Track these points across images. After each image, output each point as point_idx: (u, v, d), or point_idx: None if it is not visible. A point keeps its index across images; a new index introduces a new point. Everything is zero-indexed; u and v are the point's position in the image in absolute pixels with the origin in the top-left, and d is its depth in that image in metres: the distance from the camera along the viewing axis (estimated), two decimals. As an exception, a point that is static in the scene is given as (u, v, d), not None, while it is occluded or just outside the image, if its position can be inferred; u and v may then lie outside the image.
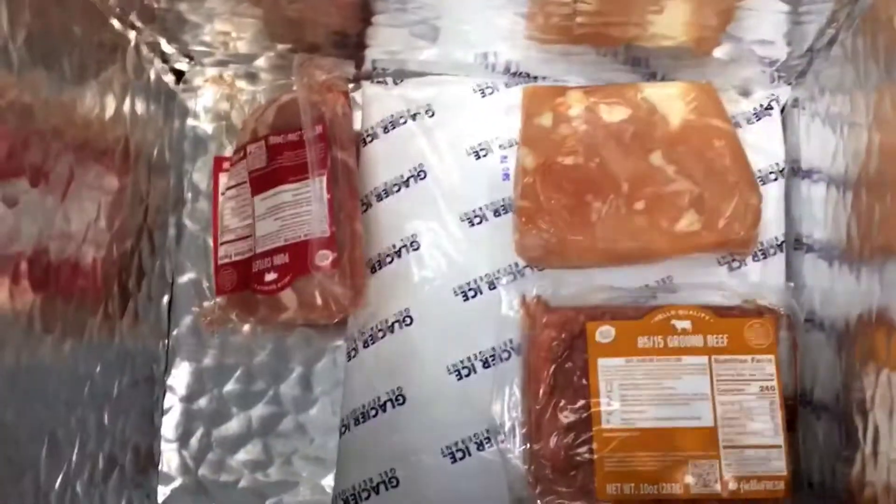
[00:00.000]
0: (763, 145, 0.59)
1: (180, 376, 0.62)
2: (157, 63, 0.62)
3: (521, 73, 0.62)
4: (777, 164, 0.59)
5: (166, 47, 0.61)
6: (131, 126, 0.57)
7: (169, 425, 0.61)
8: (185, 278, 0.63)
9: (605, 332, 0.51)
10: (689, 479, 0.49)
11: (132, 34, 0.57)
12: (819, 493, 0.50)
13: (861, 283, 0.47)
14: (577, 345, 0.51)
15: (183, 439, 0.61)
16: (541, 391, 0.51)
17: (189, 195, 0.64)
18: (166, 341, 0.62)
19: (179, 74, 0.65)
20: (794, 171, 0.58)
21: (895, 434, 0.40)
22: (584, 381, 0.51)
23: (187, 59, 0.63)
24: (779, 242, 0.57)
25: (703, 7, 0.54)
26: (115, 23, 0.55)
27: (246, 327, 0.62)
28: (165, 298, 0.62)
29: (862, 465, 0.43)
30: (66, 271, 0.48)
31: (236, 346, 0.62)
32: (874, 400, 0.42)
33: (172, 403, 0.61)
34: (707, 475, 0.49)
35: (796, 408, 0.51)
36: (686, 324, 0.51)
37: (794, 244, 0.57)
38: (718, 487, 0.49)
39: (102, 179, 0.53)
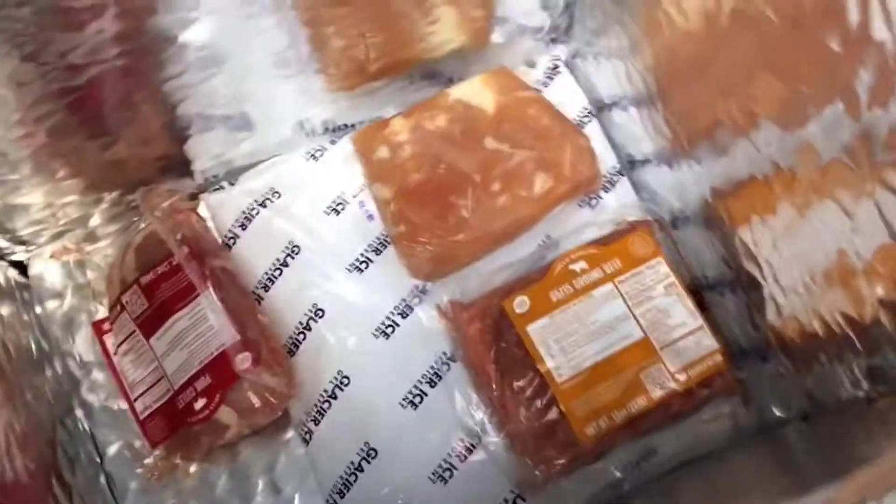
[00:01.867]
0: (566, 100, 0.65)
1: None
2: (-1, 263, 0.61)
3: (339, 128, 0.66)
4: (584, 108, 0.66)
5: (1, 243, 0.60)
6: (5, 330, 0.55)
7: None
8: (113, 449, 0.61)
9: (520, 303, 0.55)
10: (648, 389, 0.53)
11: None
12: (751, 352, 0.56)
13: (702, 165, 0.54)
14: (502, 325, 0.55)
15: None
16: (492, 379, 0.54)
17: (80, 372, 0.63)
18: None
19: (19, 265, 0.63)
20: (600, 109, 0.66)
21: (784, 258, 0.46)
22: (523, 353, 0.54)
23: (23, 246, 0.62)
24: (617, 169, 0.64)
25: (465, 4, 0.60)
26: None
27: (193, 465, 0.61)
28: (102, 478, 0.60)
29: (774, 303, 0.49)
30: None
31: (192, 488, 0.60)
32: (756, 244, 0.49)
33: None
34: (659, 378, 0.53)
35: (700, 292, 0.57)
36: (581, 264, 0.56)
37: (628, 166, 0.64)
38: (672, 384, 0.53)
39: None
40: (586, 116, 0.65)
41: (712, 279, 0.57)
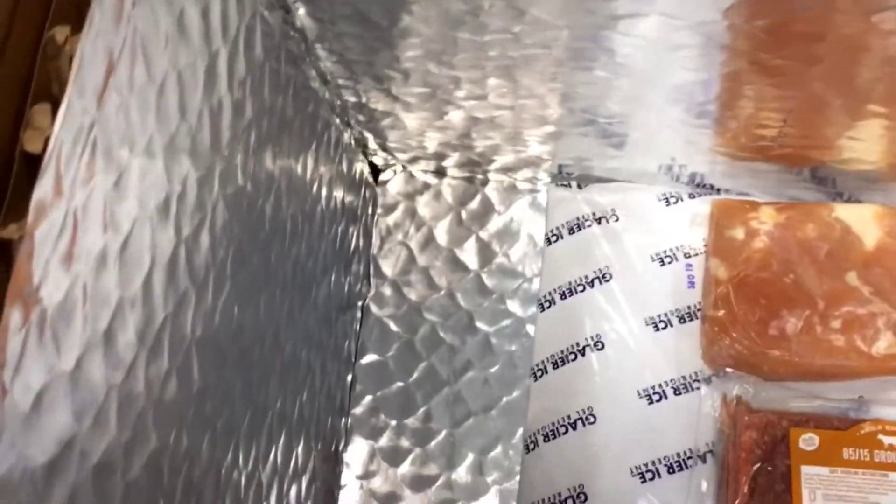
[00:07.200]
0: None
1: (357, 454, 0.64)
2: (360, 156, 0.66)
3: (704, 185, 0.64)
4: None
5: (371, 144, 0.65)
6: (340, 215, 0.61)
7: (345, 500, 0.63)
8: (365, 360, 0.66)
9: (808, 440, 0.52)
10: None
11: (347, 131, 0.62)
12: None
13: None
14: (778, 449, 0.52)
15: (358, 517, 0.63)
16: (739, 493, 0.51)
17: (375, 281, 0.68)
18: (347, 419, 0.64)
19: (373, 167, 0.69)
20: None
21: None
22: (785, 488, 0.51)
23: (384, 154, 0.68)
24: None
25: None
26: (335, 119, 0.60)
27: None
28: (349, 378, 0.65)
29: None
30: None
31: (411, 430, 0.64)
32: None
33: (349, 480, 0.63)
34: None
35: None
36: (894, 440, 0.51)
37: None
38: None
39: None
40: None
41: None
